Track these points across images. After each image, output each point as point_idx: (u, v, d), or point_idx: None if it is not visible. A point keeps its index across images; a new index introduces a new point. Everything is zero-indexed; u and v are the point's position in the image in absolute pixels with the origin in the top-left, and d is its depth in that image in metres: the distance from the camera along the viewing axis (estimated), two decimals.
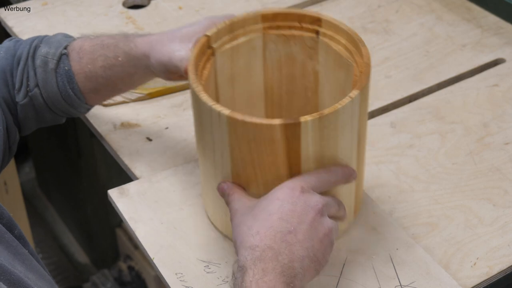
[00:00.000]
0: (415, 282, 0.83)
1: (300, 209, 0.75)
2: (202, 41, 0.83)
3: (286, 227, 0.73)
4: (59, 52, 0.92)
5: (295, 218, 0.74)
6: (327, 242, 0.76)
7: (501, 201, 0.94)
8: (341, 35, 0.84)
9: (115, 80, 0.92)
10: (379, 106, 1.12)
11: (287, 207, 0.74)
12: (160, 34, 0.90)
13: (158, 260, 0.86)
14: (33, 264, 0.72)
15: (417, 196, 0.95)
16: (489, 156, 1.01)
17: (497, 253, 0.87)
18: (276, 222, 0.73)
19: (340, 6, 1.37)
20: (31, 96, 0.92)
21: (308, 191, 0.77)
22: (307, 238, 0.73)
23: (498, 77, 1.17)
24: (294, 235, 0.73)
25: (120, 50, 0.90)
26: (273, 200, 0.75)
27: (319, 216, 0.75)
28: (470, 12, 1.33)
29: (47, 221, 2.12)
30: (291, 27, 0.86)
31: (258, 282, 0.69)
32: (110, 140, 1.06)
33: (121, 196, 0.95)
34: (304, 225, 0.74)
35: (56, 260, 1.98)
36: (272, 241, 0.72)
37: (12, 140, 0.94)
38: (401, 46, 1.25)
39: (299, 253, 0.72)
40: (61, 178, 1.98)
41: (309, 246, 0.73)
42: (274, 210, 0.74)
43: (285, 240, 0.72)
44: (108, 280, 1.87)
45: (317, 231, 0.75)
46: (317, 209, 0.75)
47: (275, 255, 0.71)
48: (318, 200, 0.76)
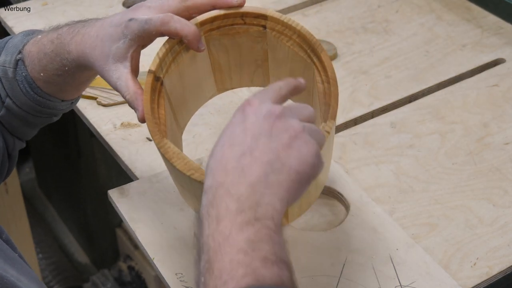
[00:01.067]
0: (415, 282, 0.83)
1: (251, 125, 0.63)
2: (149, 81, 0.79)
3: (238, 150, 0.62)
4: (14, 59, 0.86)
5: (248, 136, 0.63)
6: (300, 144, 0.63)
7: (501, 201, 0.94)
8: (291, 31, 0.80)
9: (75, 81, 0.87)
10: (379, 106, 1.12)
11: (238, 129, 0.64)
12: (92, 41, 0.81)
13: (158, 260, 0.86)
14: (23, 267, 0.72)
15: (417, 196, 0.95)
16: (489, 156, 1.01)
17: (497, 253, 0.87)
18: (227, 150, 0.63)
19: (340, 6, 1.37)
20: (6, 106, 0.88)
21: (258, 102, 0.65)
22: (267, 151, 0.62)
23: (498, 77, 1.17)
24: (250, 155, 0.62)
25: (64, 60, 0.84)
26: (225, 131, 0.65)
27: (278, 121, 0.64)
28: (470, 12, 1.33)
29: (47, 221, 2.12)
30: (233, 24, 0.81)
31: (213, 235, 0.59)
32: (110, 140, 1.06)
33: (121, 196, 0.95)
34: (260, 139, 0.63)
35: (56, 260, 1.98)
36: (224, 175, 0.62)
37: (11, 147, 0.92)
38: (401, 46, 1.25)
39: (258, 173, 0.61)
40: (61, 178, 1.98)
41: (271, 159, 0.62)
42: (225, 139, 0.64)
43: (239, 165, 0.61)
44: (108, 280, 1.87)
45: (279, 138, 0.63)
46: (274, 115, 0.64)
47: (227, 190, 0.61)
48: (273, 107, 0.64)
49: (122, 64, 0.79)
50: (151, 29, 0.77)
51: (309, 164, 0.63)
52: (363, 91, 1.15)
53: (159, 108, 0.80)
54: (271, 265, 0.58)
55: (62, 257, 2.01)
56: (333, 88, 0.77)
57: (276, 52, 0.83)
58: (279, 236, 0.61)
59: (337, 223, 0.92)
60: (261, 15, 0.80)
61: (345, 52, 1.24)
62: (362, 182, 0.97)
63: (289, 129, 0.64)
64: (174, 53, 0.81)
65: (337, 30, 1.30)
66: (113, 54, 0.79)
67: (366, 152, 1.02)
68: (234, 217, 0.59)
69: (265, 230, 0.60)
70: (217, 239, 0.59)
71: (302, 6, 1.37)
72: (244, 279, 0.57)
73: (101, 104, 1.13)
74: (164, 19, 0.77)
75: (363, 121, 1.09)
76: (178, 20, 0.77)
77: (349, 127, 1.08)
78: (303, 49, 0.80)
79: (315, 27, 1.30)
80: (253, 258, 0.58)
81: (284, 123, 0.64)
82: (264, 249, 0.59)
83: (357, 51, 1.24)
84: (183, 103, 0.87)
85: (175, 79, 0.83)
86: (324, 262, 0.86)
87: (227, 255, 0.58)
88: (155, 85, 0.80)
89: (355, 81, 1.17)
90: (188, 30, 0.77)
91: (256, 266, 0.58)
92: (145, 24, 0.77)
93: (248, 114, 0.64)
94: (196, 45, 0.78)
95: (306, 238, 0.89)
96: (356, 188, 0.95)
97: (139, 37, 0.78)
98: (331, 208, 0.95)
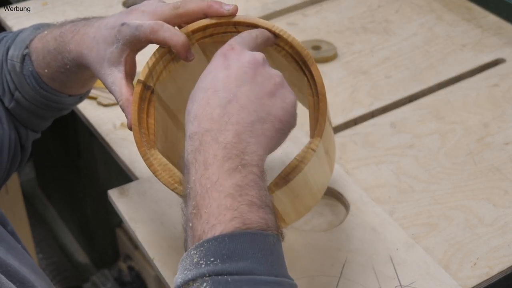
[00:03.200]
0: (415, 282, 0.83)
1: (235, 70, 0.65)
2: (138, 91, 0.78)
3: (224, 97, 0.64)
4: (21, 54, 0.87)
5: (233, 83, 0.64)
6: (283, 93, 0.66)
7: (501, 201, 0.94)
8: (283, 42, 0.78)
9: (79, 78, 0.88)
10: (379, 106, 1.12)
11: (221, 74, 0.65)
12: (89, 43, 0.81)
13: (158, 260, 0.86)
14: (26, 258, 0.72)
15: (417, 196, 0.95)
16: (489, 156, 1.01)
17: (497, 253, 0.87)
18: (212, 96, 0.64)
19: (340, 6, 1.37)
20: (16, 99, 0.89)
21: (241, 48, 0.67)
22: (252, 99, 0.64)
23: (498, 77, 1.17)
24: (236, 102, 0.64)
25: (65, 59, 0.84)
26: (206, 75, 0.66)
27: (262, 68, 0.65)
28: (470, 12, 1.33)
29: (47, 221, 2.12)
30: (226, 32, 0.80)
31: (201, 180, 0.62)
32: (110, 140, 1.06)
33: (121, 196, 0.95)
34: (245, 86, 0.64)
35: (56, 260, 1.98)
36: (210, 121, 0.63)
37: (24, 138, 0.93)
38: (401, 46, 1.25)
39: (244, 121, 0.63)
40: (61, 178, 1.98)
41: (257, 107, 0.64)
42: (208, 84, 0.65)
43: (226, 113, 0.63)
44: (108, 280, 1.87)
45: (263, 86, 0.65)
46: (256, 62, 0.65)
47: (215, 137, 0.62)
48: (256, 53, 0.66)
49: (116, 69, 0.79)
50: (141, 36, 0.77)
51: (291, 113, 0.66)
52: (363, 91, 1.15)
53: (148, 118, 0.79)
54: (257, 209, 0.61)
55: (62, 257, 2.01)
56: (322, 104, 0.75)
57: (272, 61, 0.83)
58: (263, 182, 0.63)
59: (337, 223, 0.92)
60: (253, 24, 0.78)
61: (345, 52, 1.24)
62: (362, 182, 0.97)
63: (272, 77, 0.65)
64: (165, 61, 0.80)
65: (337, 30, 1.30)
66: (107, 58, 0.79)
67: (366, 152, 1.02)
68: (221, 163, 0.61)
69: (251, 176, 0.62)
70: (205, 185, 0.61)
71: (302, 6, 1.37)
72: (231, 222, 0.60)
73: (101, 104, 1.13)
74: (154, 27, 0.77)
75: (363, 121, 1.09)
76: (168, 29, 0.76)
77: (349, 127, 1.08)
78: (295, 60, 0.78)
79: (315, 27, 1.30)
80: (240, 202, 0.61)
81: (268, 70, 0.65)
82: (251, 194, 0.61)
83: (357, 51, 1.24)
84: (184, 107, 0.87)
85: (171, 86, 0.83)
86: (324, 262, 0.86)
87: (215, 200, 0.61)
88: (145, 94, 0.79)
89: (355, 81, 1.17)
90: (177, 40, 0.76)
91: (243, 210, 0.60)
92: (135, 30, 0.77)
93: (232, 59, 0.65)
94: (184, 55, 0.77)
95: (306, 238, 0.89)
96: (356, 188, 0.95)
97: (131, 43, 0.78)
98: (331, 208, 0.95)
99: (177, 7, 0.78)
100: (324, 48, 1.23)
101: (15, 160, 0.92)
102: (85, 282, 1.92)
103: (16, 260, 0.69)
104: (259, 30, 0.73)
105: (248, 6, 1.36)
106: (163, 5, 0.79)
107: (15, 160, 0.92)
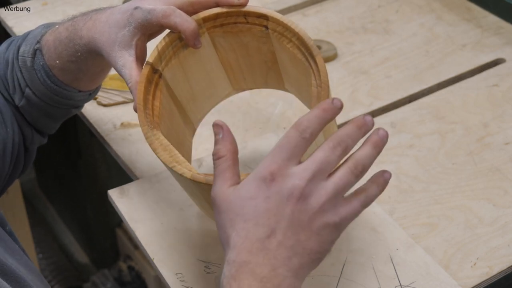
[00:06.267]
0: (415, 282, 0.83)
1: (274, 204, 0.64)
2: (145, 73, 0.79)
3: (263, 232, 0.64)
4: (33, 49, 0.89)
5: (272, 218, 0.64)
6: (318, 226, 0.65)
7: (501, 201, 0.94)
8: (291, 33, 0.80)
9: (89, 69, 0.89)
10: (379, 106, 1.12)
11: (261, 207, 0.64)
12: (101, 27, 0.83)
13: (158, 260, 0.86)
14: (24, 258, 0.73)
15: (417, 196, 0.95)
16: (489, 156, 1.01)
17: (497, 253, 0.87)
18: (252, 229, 0.64)
19: (340, 6, 1.37)
20: (26, 97, 0.91)
21: (282, 174, 0.64)
22: (289, 235, 0.64)
23: (498, 77, 1.17)
24: (274, 238, 0.64)
25: (76, 46, 0.86)
26: (246, 201, 0.65)
27: (300, 204, 0.64)
28: (470, 12, 1.33)
29: (47, 221, 2.12)
30: (236, 22, 0.82)
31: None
32: (110, 140, 1.06)
33: (121, 196, 0.95)
34: (282, 222, 0.64)
35: (56, 260, 1.98)
36: (248, 254, 0.64)
37: (29, 140, 0.94)
38: (401, 46, 1.25)
39: (281, 257, 0.64)
40: (61, 178, 1.98)
41: (294, 244, 0.64)
42: (249, 215, 0.65)
43: (263, 248, 0.64)
44: (108, 280, 1.87)
45: (301, 221, 0.64)
46: (295, 197, 0.64)
47: (251, 270, 0.64)
48: (293, 185, 0.64)
49: (127, 52, 0.81)
50: (153, 20, 0.79)
51: (327, 242, 0.66)
52: (363, 91, 1.15)
53: (154, 100, 0.81)
54: None
55: (62, 257, 2.01)
56: (324, 92, 0.75)
57: (281, 54, 0.83)
58: None
59: None
60: (263, 15, 0.81)
61: (345, 52, 1.24)
62: (362, 182, 0.97)
63: (309, 209, 0.64)
64: (175, 47, 0.82)
65: (337, 30, 1.30)
66: (119, 41, 0.81)
67: None
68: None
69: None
70: None
71: (302, 6, 1.37)
72: None
73: (101, 104, 1.13)
74: (166, 11, 0.78)
75: None
76: (180, 14, 0.78)
77: None
78: (301, 51, 0.80)
79: (315, 27, 1.30)
80: None
81: (303, 205, 0.64)
82: None
83: (357, 51, 1.24)
84: (192, 99, 0.88)
85: (179, 74, 0.84)
86: (324, 262, 0.85)
87: None
88: (152, 76, 0.81)
89: (355, 81, 1.17)
90: (187, 26, 0.78)
91: None
92: (148, 14, 0.79)
93: (272, 191, 0.64)
94: (192, 42, 0.79)
95: None
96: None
97: (143, 26, 0.80)
98: None
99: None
100: (324, 48, 1.23)
101: (18, 164, 0.92)
102: (85, 282, 1.92)
103: (13, 260, 0.69)
104: (304, 127, 0.65)
105: None
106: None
107: (18, 164, 0.92)
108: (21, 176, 0.97)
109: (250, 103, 1.12)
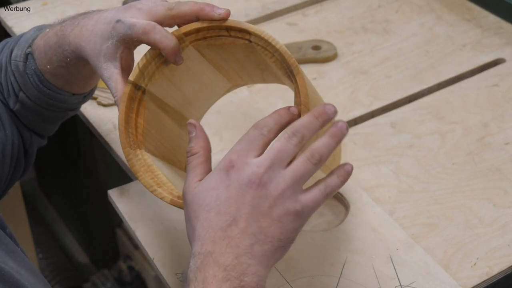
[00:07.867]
0: (415, 282, 0.83)
1: (235, 192, 0.66)
2: (127, 91, 0.79)
3: (225, 220, 0.65)
4: (24, 53, 0.88)
5: (233, 205, 0.66)
6: (279, 213, 0.66)
7: (501, 201, 0.94)
8: (273, 49, 0.77)
9: (80, 74, 0.88)
10: (379, 106, 1.12)
11: (222, 195, 0.66)
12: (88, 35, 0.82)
13: (158, 260, 0.86)
14: (25, 261, 0.72)
15: (417, 196, 0.95)
16: (489, 156, 1.01)
17: (497, 253, 0.87)
18: (215, 218, 0.66)
19: (340, 6, 1.37)
20: (20, 101, 0.90)
21: (241, 162, 0.67)
22: (250, 222, 0.65)
23: (498, 77, 1.17)
24: (235, 226, 0.65)
25: (65, 52, 0.85)
26: (209, 191, 0.67)
27: (259, 190, 0.66)
28: (470, 12, 1.33)
29: (47, 221, 2.12)
30: (219, 35, 0.80)
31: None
32: (110, 140, 1.06)
33: (121, 196, 0.95)
34: (243, 209, 0.66)
35: (56, 260, 1.98)
36: (212, 244, 0.65)
37: (28, 143, 0.94)
38: (401, 46, 1.25)
39: (244, 244, 0.65)
40: (61, 178, 1.98)
41: (256, 231, 0.65)
42: (211, 204, 0.66)
43: (226, 236, 0.65)
44: (108, 280, 1.87)
45: (261, 208, 0.66)
46: (254, 183, 0.66)
47: (215, 259, 0.65)
48: (253, 172, 0.66)
49: (112, 64, 0.80)
50: (133, 35, 0.78)
51: (289, 229, 0.67)
52: (363, 91, 1.15)
53: (137, 117, 0.80)
54: None
55: (62, 257, 2.01)
56: (303, 114, 0.73)
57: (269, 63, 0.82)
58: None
59: (337, 223, 0.92)
60: (245, 30, 0.78)
61: (345, 52, 1.24)
62: (362, 182, 0.97)
63: (269, 196, 0.66)
64: (157, 62, 0.80)
65: (337, 30, 1.30)
66: (104, 53, 0.80)
67: (366, 152, 1.02)
68: (220, 284, 0.64)
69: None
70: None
71: (302, 6, 1.37)
72: None
73: (101, 104, 1.13)
74: (146, 28, 0.77)
75: (363, 121, 1.09)
76: (159, 31, 0.77)
77: (349, 127, 1.08)
78: (283, 68, 0.77)
79: (315, 27, 1.31)
80: None
81: (264, 191, 0.66)
82: None
83: (357, 51, 1.24)
84: (187, 103, 0.87)
85: (166, 85, 0.83)
86: (324, 262, 0.86)
87: None
88: (135, 94, 0.80)
89: (355, 81, 1.17)
90: (167, 43, 0.77)
91: None
92: (128, 29, 0.78)
93: (232, 178, 0.66)
94: (173, 58, 0.78)
95: (306, 238, 0.89)
96: (356, 188, 0.95)
97: (124, 40, 0.79)
98: (331, 208, 0.95)
99: (171, 8, 0.79)
100: (324, 48, 1.23)
101: (18, 166, 0.92)
102: (85, 282, 1.92)
103: (14, 263, 0.69)
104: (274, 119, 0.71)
105: (248, 6, 1.36)
106: (159, 5, 0.79)
107: (18, 167, 0.92)
108: (21, 178, 0.97)
109: (250, 103, 1.12)
